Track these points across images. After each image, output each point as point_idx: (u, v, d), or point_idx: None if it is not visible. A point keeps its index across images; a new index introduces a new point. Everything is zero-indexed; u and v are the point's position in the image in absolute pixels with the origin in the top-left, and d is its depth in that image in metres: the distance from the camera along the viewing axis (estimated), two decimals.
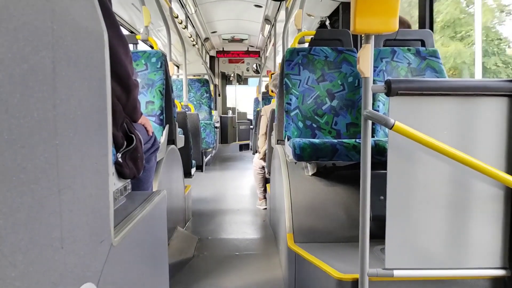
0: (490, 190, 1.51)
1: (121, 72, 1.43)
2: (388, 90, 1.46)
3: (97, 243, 0.85)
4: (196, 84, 7.17)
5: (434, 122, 1.49)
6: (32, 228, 0.59)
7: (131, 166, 1.44)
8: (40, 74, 0.62)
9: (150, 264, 1.33)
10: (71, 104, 0.72)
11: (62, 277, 0.68)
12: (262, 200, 4.33)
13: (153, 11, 3.89)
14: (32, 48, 0.59)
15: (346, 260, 1.84)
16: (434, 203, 1.52)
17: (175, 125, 2.97)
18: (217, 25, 8.66)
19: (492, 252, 1.53)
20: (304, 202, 2.34)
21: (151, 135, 1.84)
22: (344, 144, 2.15)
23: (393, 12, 1.38)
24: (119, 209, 1.25)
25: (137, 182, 1.81)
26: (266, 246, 3.06)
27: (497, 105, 1.49)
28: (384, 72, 2.66)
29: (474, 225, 1.52)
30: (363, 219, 1.51)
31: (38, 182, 0.61)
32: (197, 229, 3.48)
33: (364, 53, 1.44)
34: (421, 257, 1.54)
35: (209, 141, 7.00)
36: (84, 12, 0.81)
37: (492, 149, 1.50)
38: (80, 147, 0.76)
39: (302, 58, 2.80)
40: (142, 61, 2.77)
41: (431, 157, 1.49)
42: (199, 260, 2.73)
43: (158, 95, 2.69)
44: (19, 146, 0.55)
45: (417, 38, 2.76)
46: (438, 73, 2.64)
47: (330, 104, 2.72)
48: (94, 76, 0.85)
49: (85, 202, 0.78)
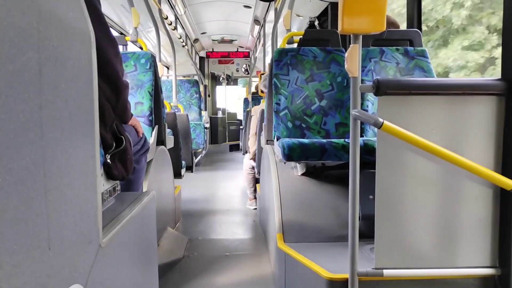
0: (479, 189, 1.52)
1: (111, 73, 1.42)
2: (377, 89, 1.47)
3: (85, 244, 0.85)
4: (185, 85, 7.16)
5: (423, 121, 1.50)
6: (19, 229, 0.58)
7: (120, 167, 1.43)
8: (26, 75, 0.61)
9: (139, 264, 1.33)
10: (57, 105, 0.72)
11: (49, 278, 0.67)
12: (252, 200, 4.33)
13: (142, 12, 3.88)
14: (17, 49, 0.59)
15: (336, 260, 1.85)
16: (423, 202, 1.53)
17: (164, 126, 2.96)
18: (206, 26, 8.64)
19: (482, 251, 1.54)
20: (294, 202, 2.34)
21: (141, 136, 1.83)
22: (333, 144, 2.16)
23: (380, 12, 1.39)
24: (108, 210, 1.24)
25: (127, 183, 1.80)
26: (256, 246, 3.06)
27: (485, 104, 1.50)
28: (373, 72, 2.67)
29: (464, 224, 1.53)
30: (352, 218, 1.51)
31: (25, 183, 0.60)
32: (187, 230, 3.47)
33: (352, 53, 1.44)
34: (411, 256, 1.54)
35: (199, 141, 6.99)
36: (71, 12, 0.80)
37: (480, 148, 1.51)
38: (67, 148, 0.76)
39: (291, 58, 2.80)
40: (131, 62, 2.75)
41: (420, 157, 1.50)
42: (189, 261, 2.72)
43: (147, 96, 2.68)
44: (5, 147, 0.55)
45: (405, 38, 2.78)
46: (427, 73, 2.66)
47: (319, 104, 2.73)
48: (81, 76, 0.85)
49: (72, 203, 0.78)
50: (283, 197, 2.36)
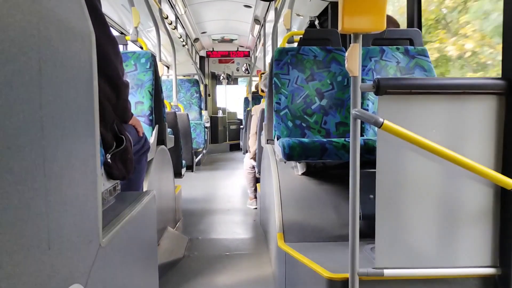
0: (480, 188, 1.52)
1: (111, 73, 1.42)
2: (377, 89, 1.47)
3: (85, 244, 0.85)
4: (186, 84, 7.16)
5: (423, 120, 1.50)
6: (19, 229, 0.58)
7: (121, 167, 1.43)
8: (26, 75, 0.61)
9: (139, 264, 1.33)
10: (58, 104, 0.72)
11: (49, 278, 0.67)
12: (252, 200, 4.33)
13: (142, 12, 3.88)
14: (18, 48, 0.59)
15: (336, 259, 1.84)
16: (423, 201, 1.52)
17: (164, 125, 2.96)
18: (207, 26, 8.64)
19: (482, 251, 1.54)
20: (294, 201, 2.34)
21: (141, 136, 1.83)
22: (334, 143, 2.16)
23: (380, 11, 1.38)
24: (108, 210, 1.24)
25: (127, 182, 1.80)
26: (256, 245, 3.06)
27: (485, 103, 1.50)
28: (373, 71, 2.67)
29: (464, 224, 1.53)
30: (353, 218, 1.51)
31: (25, 183, 0.60)
32: (187, 229, 3.47)
33: (353, 52, 1.44)
34: (411, 256, 1.54)
35: (199, 141, 6.99)
36: (71, 12, 0.80)
37: (481, 147, 1.51)
38: (67, 147, 0.76)
39: (291, 57, 2.80)
40: (131, 62, 2.75)
41: (420, 156, 1.50)
42: (190, 261, 2.72)
43: (147, 96, 2.69)
44: (5, 147, 0.55)
45: (405, 37, 2.78)
46: (427, 72, 2.66)
47: (319, 103, 2.73)
48: (82, 76, 0.85)
49: (72, 203, 0.78)
50: (283, 196, 2.36)
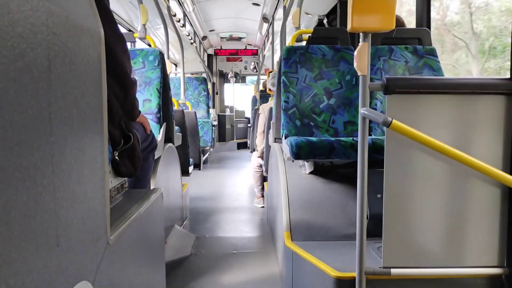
0: (488, 188, 1.51)
1: (119, 70, 1.43)
2: (386, 88, 1.46)
3: (93, 241, 0.85)
4: (194, 82, 7.18)
5: (432, 120, 1.49)
6: (27, 226, 0.59)
7: (128, 164, 1.43)
8: (35, 71, 0.61)
9: (146, 262, 1.33)
10: (66, 101, 0.72)
11: (57, 275, 0.68)
12: (260, 198, 4.33)
13: (151, 9, 3.89)
14: (27, 45, 0.59)
15: (343, 258, 1.84)
16: (431, 201, 1.52)
17: (172, 123, 2.96)
18: (215, 24, 8.64)
19: (490, 250, 1.53)
20: (301, 200, 2.34)
21: (149, 133, 1.83)
22: (342, 142, 2.15)
23: (390, 10, 1.38)
24: (116, 207, 1.25)
25: (135, 180, 1.81)
26: (263, 244, 3.06)
27: (494, 103, 1.49)
28: (382, 70, 2.66)
29: (472, 224, 1.52)
30: (360, 217, 1.51)
31: (33, 180, 0.60)
32: (194, 227, 3.48)
33: (361, 51, 1.44)
34: (418, 255, 1.53)
35: (207, 139, 7.00)
36: (80, 9, 0.80)
37: (489, 147, 1.50)
38: (75, 144, 0.76)
39: (300, 56, 2.79)
40: (139, 59, 2.76)
41: (428, 156, 1.49)
42: (196, 259, 2.73)
43: (155, 93, 2.69)
44: (14, 144, 0.55)
45: (414, 37, 2.76)
46: (436, 71, 2.64)
47: (327, 102, 2.72)
48: (90, 73, 0.85)
49: (80, 200, 0.78)
50: (291, 195, 2.36)
